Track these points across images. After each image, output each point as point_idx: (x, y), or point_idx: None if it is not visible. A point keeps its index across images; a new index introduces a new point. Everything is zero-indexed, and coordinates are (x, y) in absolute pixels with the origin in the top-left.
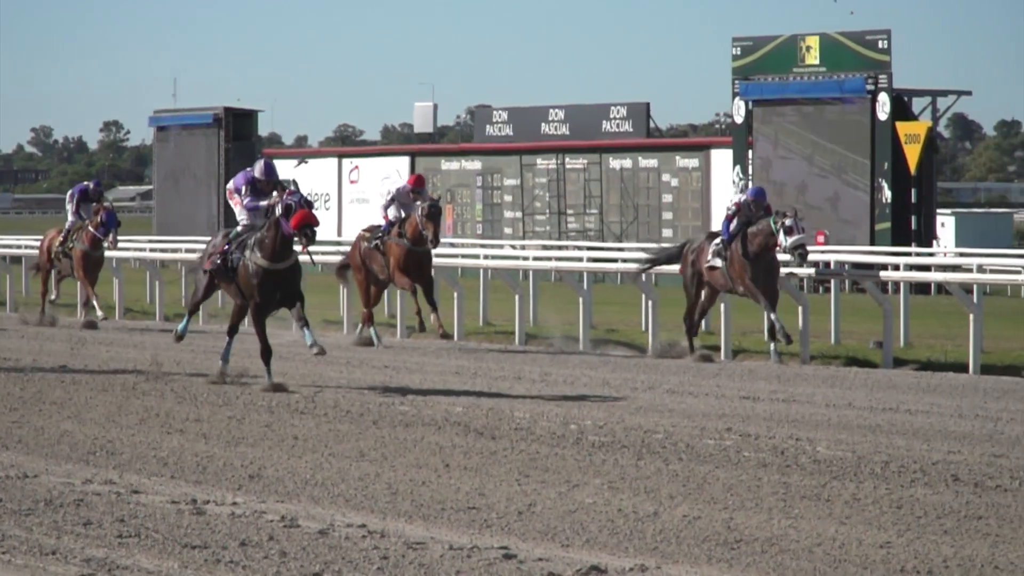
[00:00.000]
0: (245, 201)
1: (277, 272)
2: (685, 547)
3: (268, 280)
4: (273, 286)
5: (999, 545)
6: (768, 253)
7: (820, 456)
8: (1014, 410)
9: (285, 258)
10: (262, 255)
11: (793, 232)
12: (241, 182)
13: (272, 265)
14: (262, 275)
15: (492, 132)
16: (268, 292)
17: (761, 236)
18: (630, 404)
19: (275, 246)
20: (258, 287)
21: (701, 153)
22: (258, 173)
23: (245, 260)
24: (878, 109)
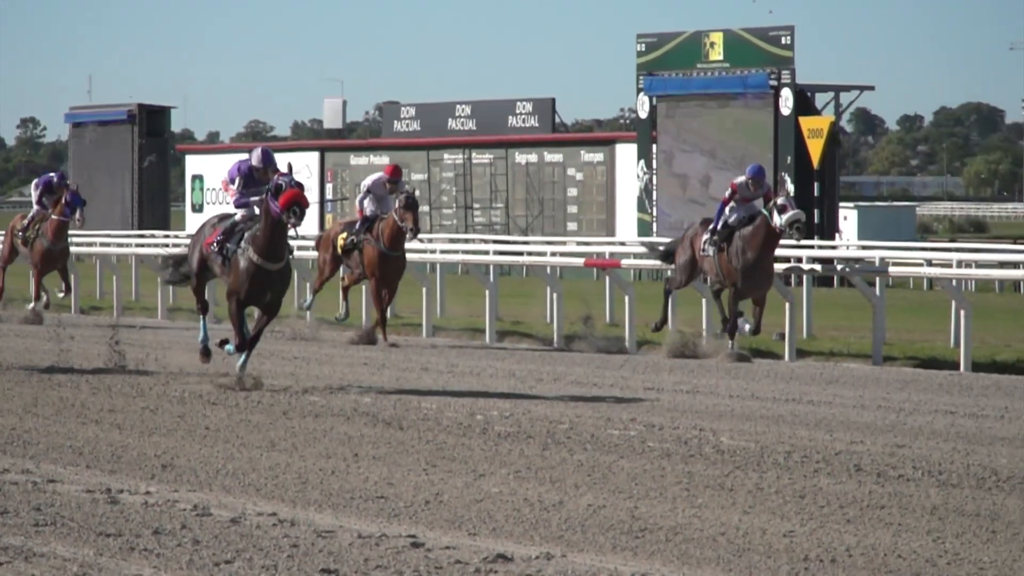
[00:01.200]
0: (236, 197)
1: (268, 272)
2: (590, 536)
3: (258, 277)
4: (261, 285)
5: (902, 534)
6: (767, 256)
7: (723, 446)
8: (916, 401)
9: (278, 259)
10: (255, 250)
11: (787, 209)
12: (235, 173)
13: (264, 263)
14: (253, 272)
15: (400, 128)
16: (256, 290)
17: (759, 236)
18: (535, 395)
19: (268, 241)
20: (247, 283)
21: (606, 148)
22: (255, 161)
23: (239, 253)
24: (781, 104)
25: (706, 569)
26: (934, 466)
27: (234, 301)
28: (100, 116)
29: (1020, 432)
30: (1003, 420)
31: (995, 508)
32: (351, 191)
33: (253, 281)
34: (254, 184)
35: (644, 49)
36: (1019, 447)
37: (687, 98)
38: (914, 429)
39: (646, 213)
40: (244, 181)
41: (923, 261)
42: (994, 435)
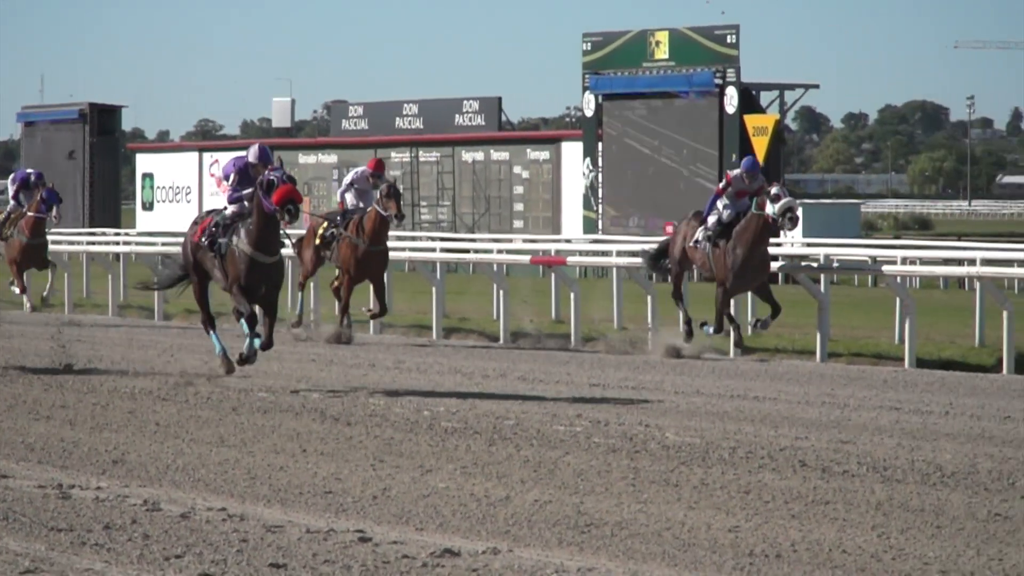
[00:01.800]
0: (228, 193)
1: (262, 265)
2: (536, 531)
3: (254, 270)
4: (258, 277)
5: (847, 529)
6: (760, 247)
7: (669, 442)
8: (860, 397)
9: (272, 251)
10: (248, 242)
11: (780, 198)
12: (231, 169)
13: (257, 255)
14: (248, 263)
15: (348, 126)
16: (253, 280)
17: (751, 231)
18: (482, 391)
19: (260, 232)
20: (244, 273)
21: (552, 146)
22: (252, 157)
23: (232, 245)
24: (726, 102)
25: (651, 564)
26: (879, 462)
27: (236, 287)
28: (52, 115)
29: (964, 428)
30: (947, 416)
31: (940, 503)
32: (300, 189)
33: (249, 273)
34: (249, 181)
35: (590, 48)
36: (963, 443)
37: (632, 96)
38: (859, 425)
39: (592, 211)
40: (239, 177)
41: (867, 258)
42: (939, 431)
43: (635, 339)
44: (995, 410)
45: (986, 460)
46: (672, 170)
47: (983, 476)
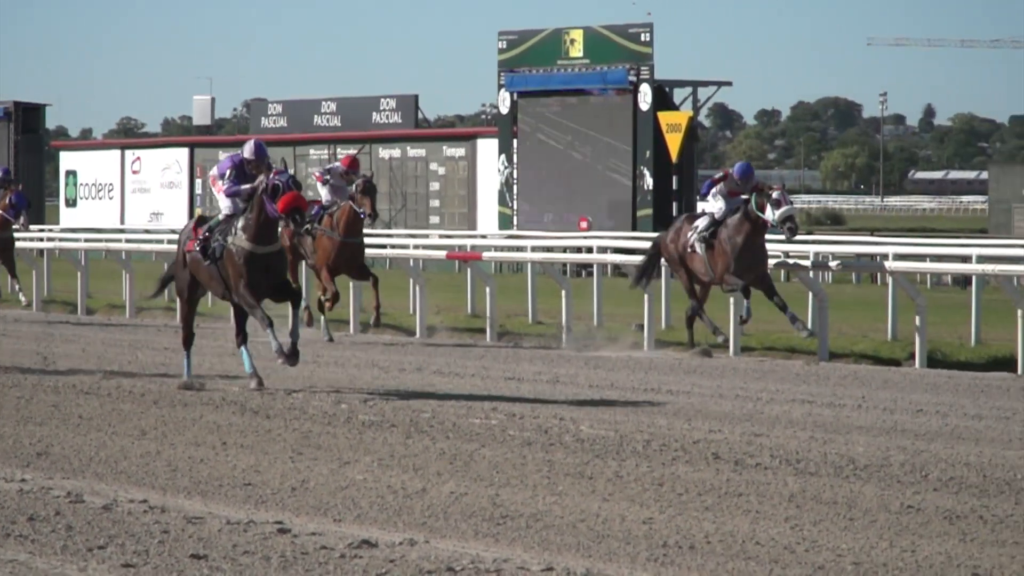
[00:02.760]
0: (226, 186)
1: (263, 256)
2: (452, 522)
3: (255, 263)
4: (260, 270)
5: (760, 521)
6: (756, 239)
7: (583, 435)
8: (773, 390)
9: (271, 241)
10: (246, 237)
11: (781, 204)
12: (227, 167)
13: (257, 248)
14: (247, 257)
15: (267, 124)
16: (256, 275)
17: (748, 223)
18: (398, 384)
19: (259, 227)
20: (245, 267)
21: (467, 143)
22: (247, 154)
23: (228, 245)
24: (640, 100)
25: (566, 555)
26: (791, 454)
27: (243, 287)
28: None
29: (877, 421)
30: (860, 409)
31: (852, 496)
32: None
33: (251, 267)
34: (245, 178)
35: (505, 46)
36: (876, 436)
37: (547, 94)
38: (772, 418)
39: (507, 207)
40: (235, 174)
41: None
42: (851, 424)
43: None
44: (907, 403)
45: (899, 453)
46: (586, 166)
47: (896, 469)
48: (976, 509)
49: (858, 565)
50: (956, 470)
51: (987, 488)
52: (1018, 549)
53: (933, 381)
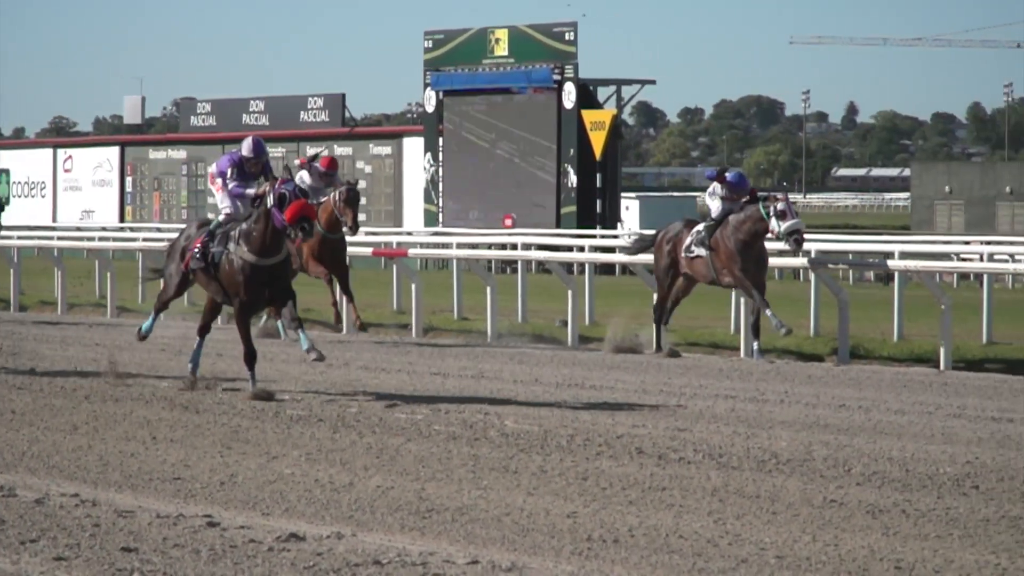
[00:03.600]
0: (230, 187)
1: (266, 268)
2: (379, 516)
3: (256, 276)
4: (261, 283)
5: (683, 515)
6: (758, 241)
7: (508, 430)
8: (697, 385)
9: (275, 252)
10: (249, 249)
11: (786, 217)
12: (226, 165)
13: (260, 260)
14: (249, 271)
15: (197, 123)
16: (256, 290)
17: (750, 223)
18: (325, 380)
19: (264, 239)
20: (244, 284)
21: (394, 141)
22: (246, 151)
23: (229, 255)
24: (564, 98)
25: (491, 548)
26: (715, 449)
27: (238, 306)
28: None
29: (799, 416)
30: (783, 404)
31: (775, 490)
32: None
33: (250, 280)
34: (245, 176)
35: (431, 45)
36: (799, 430)
37: (473, 93)
38: (695, 413)
39: (432, 204)
40: (236, 173)
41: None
42: (774, 419)
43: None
44: (830, 398)
45: (821, 447)
46: (511, 164)
47: (818, 463)
48: (899, 503)
49: (781, 559)
50: (879, 465)
51: (909, 482)
52: (940, 543)
53: (856, 376)
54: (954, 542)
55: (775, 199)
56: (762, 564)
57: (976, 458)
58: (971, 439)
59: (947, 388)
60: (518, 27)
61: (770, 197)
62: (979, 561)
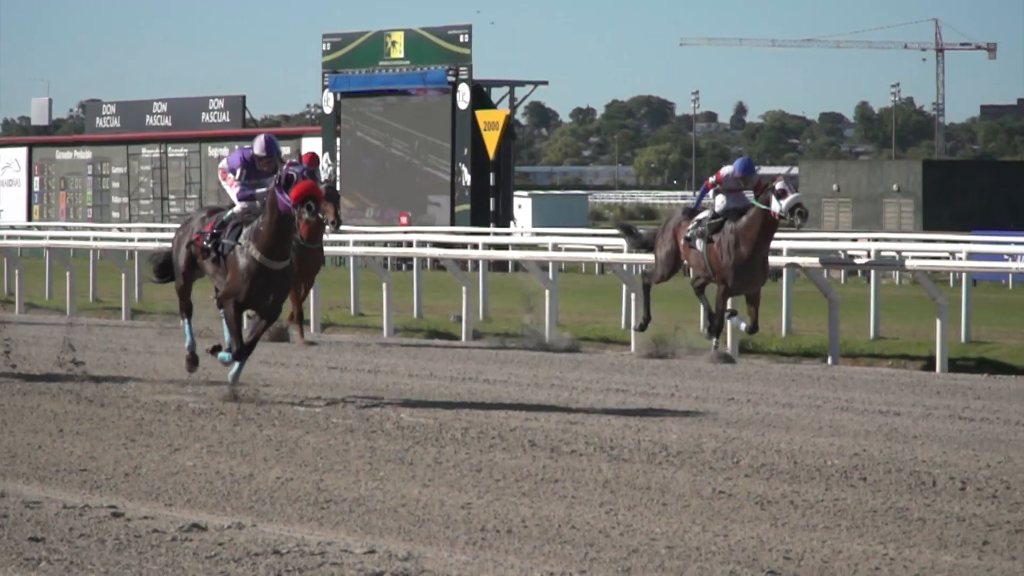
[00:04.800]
0: (238, 189)
1: (271, 272)
2: (279, 507)
3: (260, 278)
4: (263, 286)
5: (575, 506)
6: (766, 244)
7: (404, 422)
8: (588, 380)
9: (282, 256)
10: (257, 246)
11: (786, 194)
12: (236, 162)
13: (267, 261)
14: (255, 271)
15: (102, 124)
16: (256, 291)
17: (757, 224)
18: (227, 373)
19: (273, 237)
20: (247, 284)
21: (293, 142)
22: (258, 150)
23: (236, 251)
24: (459, 99)
25: (388, 538)
26: (606, 442)
27: (231, 304)
28: None
29: (690, 409)
30: (673, 398)
31: (665, 481)
32: (56, 184)
33: (254, 282)
34: (256, 175)
35: (329, 48)
36: (688, 424)
37: (370, 94)
38: (586, 406)
39: None
40: (246, 171)
41: (595, 247)
42: (664, 412)
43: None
44: (719, 392)
45: (710, 440)
46: (407, 163)
47: (708, 455)
48: (787, 494)
49: (671, 549)
50: (767, 457)
51: (797, 474)
52: (828, 533)
53: (744, 371)
54: (842, 533)
55: (771, 183)
56: (653, 554)
57: (863, 450)
58: (858, 432)
59: (835, 382)
60: (414, 30)
61: (766, 185)
62: (867, 551)
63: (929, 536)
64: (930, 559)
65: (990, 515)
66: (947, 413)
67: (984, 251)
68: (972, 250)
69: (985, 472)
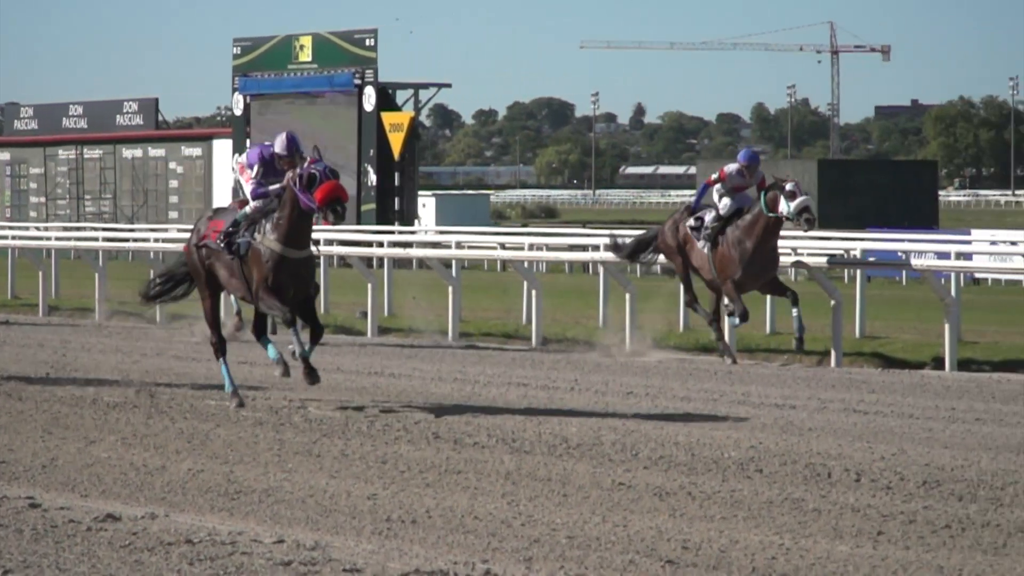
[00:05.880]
0: (252, 187)
1: (292, 262)
2: (190, 497)
3: (282, 268)
4: (288, 276)
5: (478, 497)
6: (771, 241)
7: (311, 416)
8: (491, 374)
9: (303, 245)
10: (276, 237)
11: (796, 196)
12: (255, 158)
13: (287, 251)
14: (277, 260)
15: (20, 126)
16: (282, 280)
17: (761, 223)
18: (139, 368)
19: (291, 227)
20: (272, 273)
21: (204, 143)
22: (278, 148)
23: (256, 244)
24: (365, 101)
25: (296, 528)
26: (508, 434)
27: (263, 288)
28: None
29: (589, 402)
30: (573, 391)
31: (566, 473)
32: None
33: (278, 271)
34: (274, 173)
35: (240, 52)
36: (588, 417)
37: (278, 97)
38: (488, 400)
39: None
40: (264, 169)
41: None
42: (564, 405)
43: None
44: (619, 386)
45: (610, 433)
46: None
47: (607, 448)
48: (685, 486)
49: (572, 539)
50: (665, 449)
51: (695, 466)
52: (725, 524)
53: (643, 365)
54: (739, 523)
55: (781, 182)
56: (554, 544)
57: (760, 443)
58: (755, 425)
59: (731, 376)
60: (322, 34)
61: (774, 184)
62: (763, 541)
63: (824, 526)
64: (825, 549)
65: (884, 506)
66: (842, 407)
67: (879, 248)
68: (867, 247)
69: (879, 464)
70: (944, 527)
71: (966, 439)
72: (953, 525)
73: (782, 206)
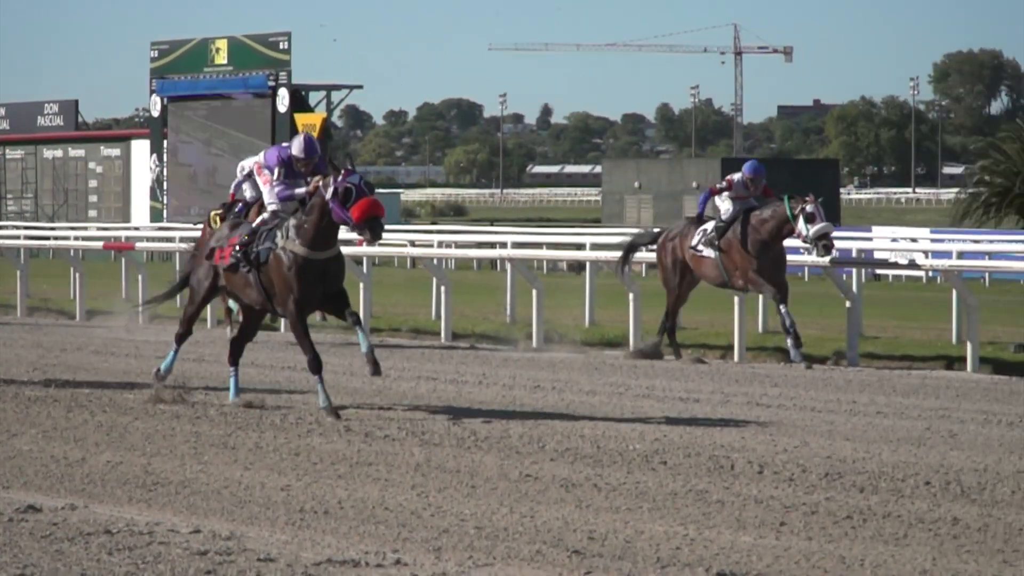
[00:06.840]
0: (277, 189)
1: (319, 263)
2: (109, 489)
3: (308, 271)
4: (315, 279)
5: (389, 488)
6: (779, 242)
7: (226, 409)
8: (401, 368)
9: (330, 245)
10: (301, 242)
11: (815, 219)
12: (274, 160)
13: (313, 253)
14: (302, 264)
15: None
16: (309, 286)
17: (773, 222)
18: (60, 363)
19: (319, 231)
20: (297, 278)
21: (122, 144)
22: (296, 151)
23: (276, 251)
24: (278, 102)
25: (212, 519)
26: (417, 427)
27: (292, 305)
28: None
29: (497, 396)
30: (481, 386)
31: (474, 465)
32: None
33: (303, 276)
34: (293, 175)
35: (157, 55)
36: (496, 410)
37: (195, 98)
38: (399, 393)
39: (158, 201)
40: (284, 171)
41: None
42: (472, 399)
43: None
44: (526, 380)
45: (518, 425)
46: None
47: (515, 440)
48: (591, 478)
49: (480, 529)
50: (572, 441)
51: (601, 458)
52: (631, 515)
53: (549, 360)
54: (644, 514)
55: (803, 200)
56: (463, 534)
57: (664, 436)
58: (659, 418)
59: (636, 370)
60: (237, 37)
61: (796, 198)
62: (668, 532)
63: (728, 517)
64: (729, 539)
65: (787, 497)
66: (745, 400)
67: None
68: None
69: (782, 456)
70: (846, 518)
71: (867, 432)
72: (854, 516)
73: (800, 226)
